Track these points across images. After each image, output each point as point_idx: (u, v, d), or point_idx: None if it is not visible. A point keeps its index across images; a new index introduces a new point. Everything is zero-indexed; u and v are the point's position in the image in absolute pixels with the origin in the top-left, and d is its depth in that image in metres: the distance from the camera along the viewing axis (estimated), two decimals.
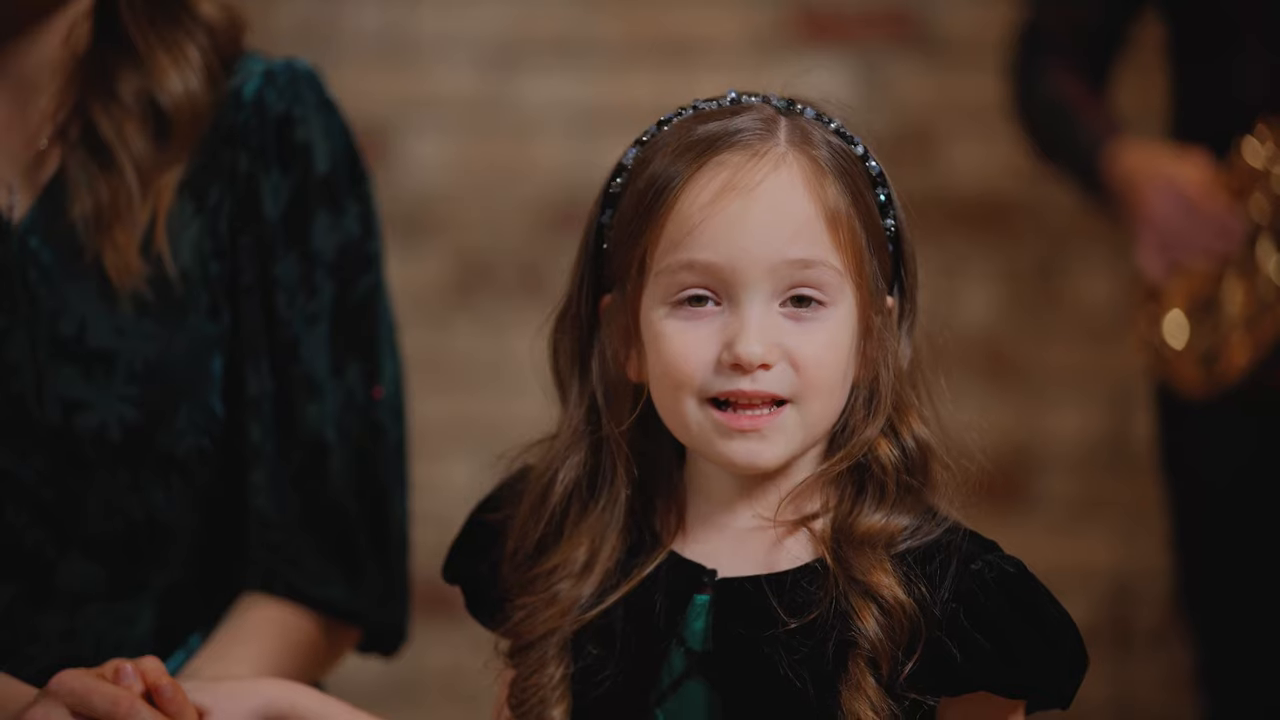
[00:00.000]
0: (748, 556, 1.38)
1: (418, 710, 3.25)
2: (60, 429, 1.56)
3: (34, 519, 1.57)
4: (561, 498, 1.41)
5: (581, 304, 1.43)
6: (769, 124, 1.37)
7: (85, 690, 1.38)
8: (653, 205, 1.36)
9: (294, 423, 1.63)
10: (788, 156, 1.36)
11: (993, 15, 3.00)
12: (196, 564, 1.65)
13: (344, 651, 1.70)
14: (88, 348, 1.57)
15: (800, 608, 1.33)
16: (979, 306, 3.29)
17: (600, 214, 1.42)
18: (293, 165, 1.63)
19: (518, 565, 1.43)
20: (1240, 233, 2.28)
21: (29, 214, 1.59)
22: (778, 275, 1.34)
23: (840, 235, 1.35)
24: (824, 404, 1.36)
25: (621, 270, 1.40)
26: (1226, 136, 2.31)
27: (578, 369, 1.43)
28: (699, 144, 1.36)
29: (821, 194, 1.35)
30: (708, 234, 1.34)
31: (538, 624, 1.39)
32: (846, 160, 1.38)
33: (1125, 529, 3.24)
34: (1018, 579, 1.32)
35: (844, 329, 1.36)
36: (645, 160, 1.39)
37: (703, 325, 1.35)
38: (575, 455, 1.42)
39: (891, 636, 1.31)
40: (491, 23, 3.32)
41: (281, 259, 1.63)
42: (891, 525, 1.35)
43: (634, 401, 1.41)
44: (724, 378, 1.34)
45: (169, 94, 1.60)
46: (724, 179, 1.34)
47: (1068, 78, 2.49)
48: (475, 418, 3.27)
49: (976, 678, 1.30)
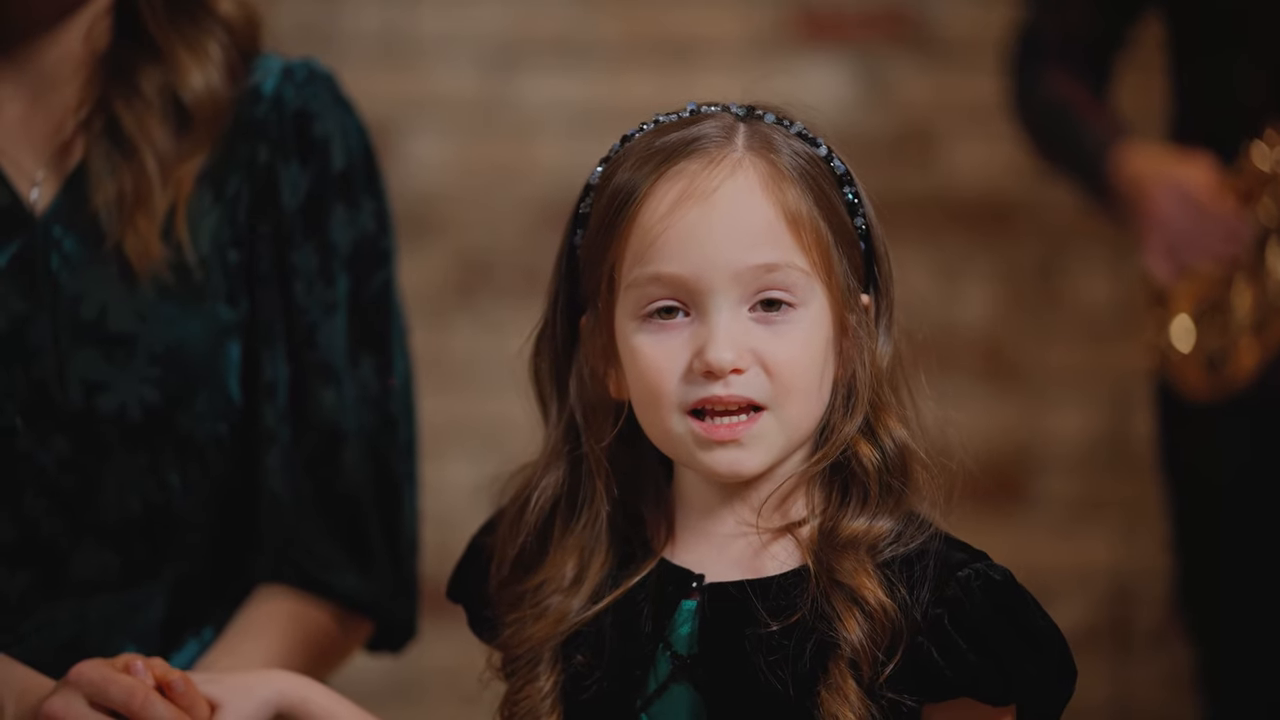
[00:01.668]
0: (735, 562, 1.37)
1: (419, 710, 3.25)
2: (81, 411, 1.58)
3: (52, 507, 1.59)
4: (538, 515, 1.42)
5: (557, 325, 1.43)
6: (727, 131, 1.37)
7: (103, 681, 1.39)
8: (615, 220, 1.36)
9: (309, 408, 1.65)
10: (744, 161, 1.35)
11: (992, 15, 3.00)
12: (209, 555, 1.66)
13: (356, 646, 1.72)
14: (109, 331, 1.59)
15: (785, 612, 1.33)
16: (979, 306, 3.29)
17: (572, 235, 1.42)
18: (311, 159, 1.66)
19: (503, 582, 1.43)
20: (1248, 236, 2.28)
21: (53, 204, 1.61)
22: (743, 280, 1.33)
23: (804, 236, 1.35)
24: (801, 407, 1.35)
25: (593, 288, 1.40)
26: (1228, 137, 2.31)
27: (556, 389, 1.44)
28: (657, 155, 1.36)
29: (781, 197, 1.35)
30: (670, 245, 1.33)
31: (527, 636, 1.40)
32: (809, 162, 1.37)
33: (1125, 529, 3.25)
34: (1004, 587, 1.32)
35: (817, 329, 1.36)
36: (608, 176, 1.39)
37: (673, 336, 1.35)
38: (554, 473, 1.42)
39: (874, 640, 1.31)
40: (491, 23, 3.32)
41: (299, 248, 1.65)
42: (875, 529, 1.35)
43: (615, 419, 1.40)
44: (698, 386, 1.33)
45: (190, 89, 1.62)
46: (681, 188, 1.34)
47: (1069, 80, 2.49)
48: (475, 418, 3.27)
49: (960, 683, 1.30)
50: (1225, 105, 2.36)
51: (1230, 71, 2.34)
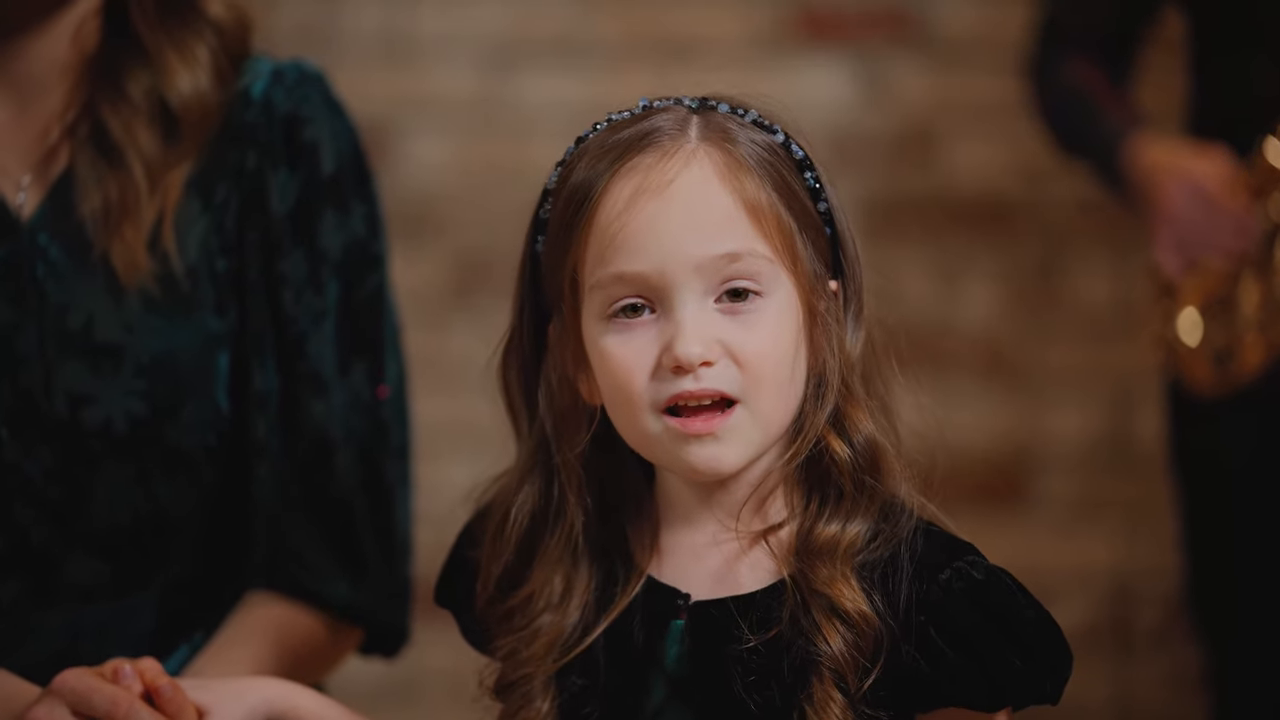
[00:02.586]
0: (717, 575, 1.36)
1: (417, 710, 3.25)
2: (67, 423, 1.57)
3: (41, 516, 1.58)
4: (519, 529, 1.40)
5: (524, 334, 1.42)
6: (680, 123, 1.36)
7: (87, 690, 1.38)
8: (574, 220, 1.35)
9: (300, 419, 1.64)
10: (698, 152, 1.34)
11: (993, 15, 3.00)
12: (201, 562, 1.65)
13: (347, 652, 1.71)
14: (95, 342, 1.57)
15: (766, 626, 1.31)
16: (979, 306, 3.28)
17: (533, 241, 1.42)
18: (300, 164, 1.64)
19: (490, 600, 1.42)
20: (1258, 232, 2.28)
21: (38, 211, 1.60)
22: (705, 272, 1.32)
23: (765, 224, 1.33)
24: (774, 399, 1.33)
25: (557, 292, 1.39)
26: (1247, 133, 2.29)
27: (525, 400, 1.42)
28: (611, 152, 1.35)
29: (738, 185, 1.33)
30: (629, 241, 1.32)
31: (522, 660, 1.38)
32: (766, 150, 1.36)
33: (1125, 529, 3.24)
34: (987, 586, 1.29)
35: (785, 318, 1.34)
36: (564, 179, 1.38)
37: (640, 334, 1.33)
38: (530, 486, 1.41)
39: (858, 649, 1.29)
40: (491, 23, 3.32)
41: (288, 256, 1.63)
42: (849, 533, 1.33)
43: (589, 425, 1.39)
44: (668, 383, 1.32)
45: (178, 93, 1.61)
46: (636, 182, 1.33)
47: (1088, 70, 2.48)
48: (474, 418, 3.25)
49: (950, 692, 1.29)
50: (1242, 101, 2.35)
51: (1248, 68, 2.33)
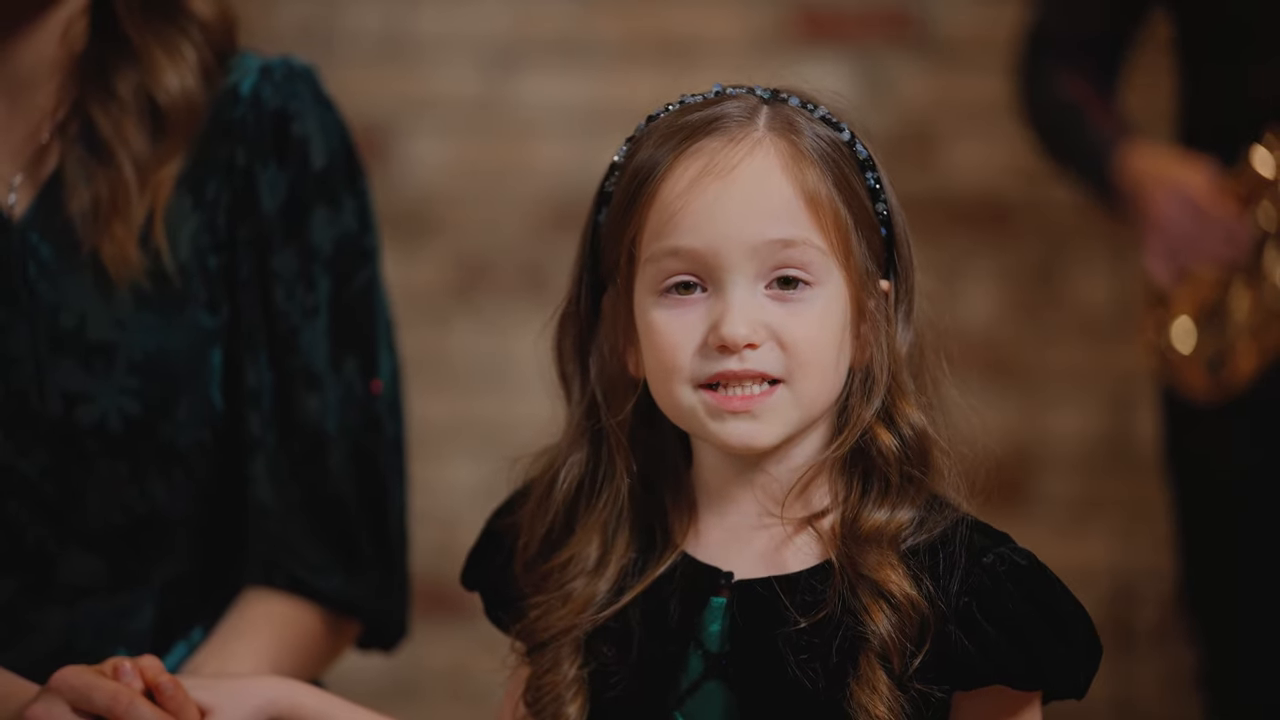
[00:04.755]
0: (760, 555, 1.38)
1: (418, 709, 3.25)
2: (61, 422, 1.57)
3: (36, 514, 1.58)
4: (565, 494, 1.42)
5: (581, 302, 1.44)
6: (750, 111, 1.38)
7: (86, 686, 1.38)
8: (636, 195, 1.38)
9: (293, 414, 1.64)
10: (764, 141, 1.36)
11: (993, 15, 3.00)
12: (197, 558, 1.66)
13: (345, 646, 1.71)
14: (87, 340, 1.58)
15: (813, 608, 1.34)
16: (979, 306, 3.28)
17: (596, 213, 1.44)
18: (289, 160, 1.64)
19: (529, 562, 1.44)
20: (1248, 240, 2.28)
21: (29, 210, 1.60)
22: (759, 257, 1.34)
23: (822, 217, 1.36)
24: (817, 383, 1.36)
25: (613, 264, 1.41)
26: (1235, 138, 2.30)
27: (578, 367, 1.45)
28: (679, 133, 1.37)
29: (800, 176, 1.35)
30: (688, 220, 1.35)
31: (552, 622, 1.40)
32: (830, 145, 1.38)
33: (1125, 529, 3.24)
34: (1030, 571, 1.33)
35: (833, 308, 1.36)
36: (631, 154, 1.40)
37: (689, 311, 1.36)
38: (578, 452, 1.43)
39: (903, 631, 1.31)
40: (491, 23, 3.32)
41: (279, 252, 1.63)
42: (896, 520, 1.35)
43: (634, 396, 1.41)
44: (712, 361, 1.34)
45: (166, 91, 1.61)
46: (701, 164, 1.35)
47: (1076, 80, 2.49)
48: (475, 418, 3.27)
49: (991, 671, 1.31)
50: (1231, 107, 2.36)
51: (1236, 73, 2.34)
